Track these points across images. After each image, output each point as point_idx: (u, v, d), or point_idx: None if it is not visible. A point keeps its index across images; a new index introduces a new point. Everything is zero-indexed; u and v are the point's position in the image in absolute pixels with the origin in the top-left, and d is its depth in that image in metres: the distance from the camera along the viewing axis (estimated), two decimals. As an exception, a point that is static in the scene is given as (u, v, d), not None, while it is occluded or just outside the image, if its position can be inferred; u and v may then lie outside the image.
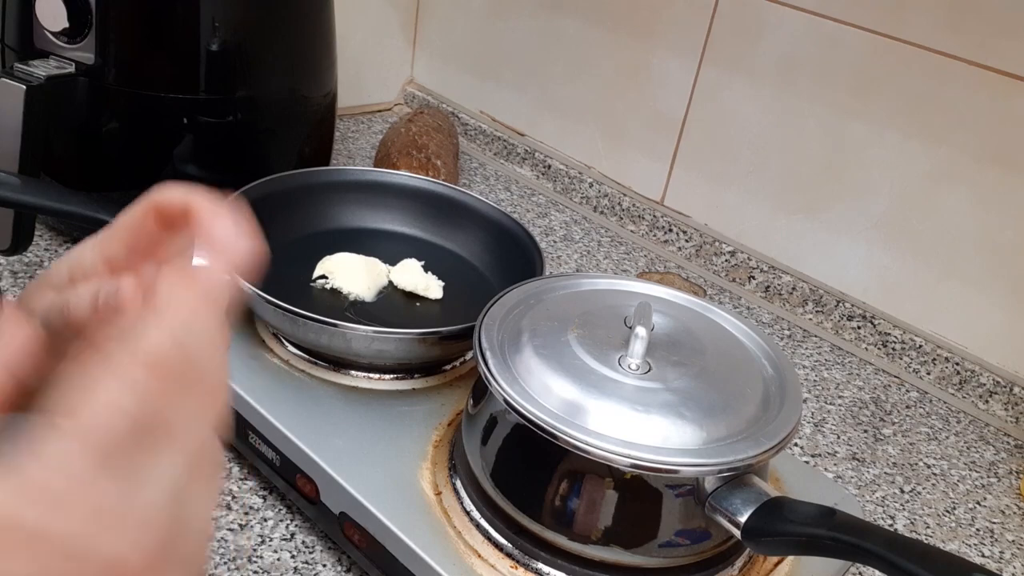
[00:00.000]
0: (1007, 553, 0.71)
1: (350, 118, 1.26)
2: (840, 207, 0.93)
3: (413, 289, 0.73)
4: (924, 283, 0.89)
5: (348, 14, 1.07)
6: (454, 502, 0.55)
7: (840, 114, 0.90)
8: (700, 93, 1.01)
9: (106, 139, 0.81)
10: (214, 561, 0.57)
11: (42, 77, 0.74)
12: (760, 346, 0.58)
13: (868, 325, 0.93)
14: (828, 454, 0.78)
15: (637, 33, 1.04)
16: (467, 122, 1.26)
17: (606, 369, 0.51)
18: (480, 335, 0.54)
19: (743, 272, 1.02)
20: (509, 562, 0.52)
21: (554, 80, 1.15)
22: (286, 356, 0.65)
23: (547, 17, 1.13)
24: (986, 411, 0.87)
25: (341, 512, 0.55)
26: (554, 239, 1.06)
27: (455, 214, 0.81)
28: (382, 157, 1.04)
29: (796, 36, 0.91)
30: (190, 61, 0.79)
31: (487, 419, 0.54)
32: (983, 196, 0.84)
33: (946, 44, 0.82)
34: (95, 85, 0.78)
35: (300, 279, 0.73)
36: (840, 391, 0.87)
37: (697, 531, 0.51)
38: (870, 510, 0.73)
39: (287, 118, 0.90)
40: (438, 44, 1.29)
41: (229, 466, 0.64)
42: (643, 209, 1.09)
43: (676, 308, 0.60)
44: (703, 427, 0.49)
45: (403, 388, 0.65)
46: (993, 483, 0.78)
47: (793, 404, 0.52)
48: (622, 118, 1.09)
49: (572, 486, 0.50)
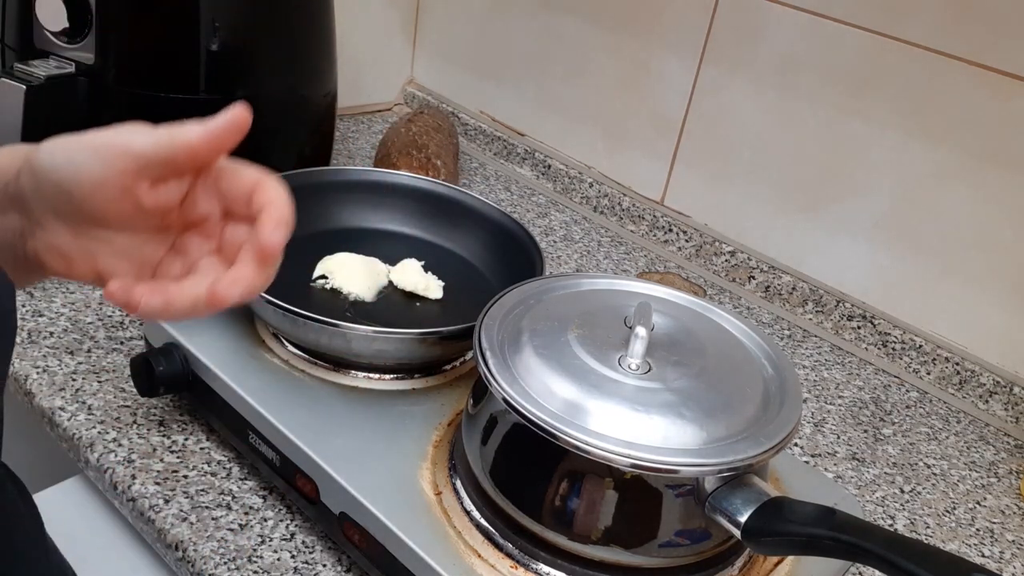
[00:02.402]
0: (1007, 553, 0.71)
1: (350, 118, 1.26)
2: (840, 207, 0.93)
3: (413, 289, 0.73)
4: (924, 283, 0.89)
5: (348, 14, 1.07)
6: (454, 502, 0.55)
7: (840, 114, 0.91)
8: (700, 93, 1.01)
9: (106, 139, 0.81)
10: (214, 561, 0.57)
11: (42, 77, 0.75)
12: (760, 346, 0.58)
13: (868, 325, 0.93)
14: (828, 454, 0.78)
15: (637, 33, 1.04)
16: (467, 122, 1.26)
17: (606, 369, 0.51)
18: (480, 335, 0.54)
19: (743, 272, 1.02)
20: (509, 562, 0.52)
21: (554, 80, 1.15)
22: (286, 356, 0.65)
23: (547, 17, 1.13)
24: (986, 411, 0.87)
25: (341, 512, 0.55)
26: (554, 239, 1.06)
27: (455, 214, 0.81)
28: (382, 157, 1.04)
29: (796, 36, 0.91)
30: (190, 61, 0.79)
31: (487, 419, 0.54)
32: (983, 196, 0.84)
33: (946, 44, 0.82)
34: (95, 85, 0.78)
35: (300, 279, 0.73)
36: (840, 391, 0.87)
37: (697, 531, 0.51)
38: (870, 510, 0.73)
39: (287, 118, 0.90)
40: (438, 44, 1.29)
41: (229, 466, 0.64)
42: (643, 209, 1.09)
43: (676, 308, 0.60)
44: (703, 427, 0.49)
45: (403, 388, 0.65)
46: (993, 483, 0.78)
47: (793, 404, 0.52)
48: (622, 118, 1.09)
49: (572, 486, 0.50)
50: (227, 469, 0.64)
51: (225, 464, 0.65)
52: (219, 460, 0.65)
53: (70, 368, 0.70)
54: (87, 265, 0.41)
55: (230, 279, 0.38)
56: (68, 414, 0.66)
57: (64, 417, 0.66)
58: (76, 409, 0.67)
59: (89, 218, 0.39)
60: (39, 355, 0.71)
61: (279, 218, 0.39)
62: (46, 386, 0.68)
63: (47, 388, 0.68)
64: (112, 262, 0.41)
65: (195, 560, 0.57)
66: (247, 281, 0.38)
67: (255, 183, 0.40)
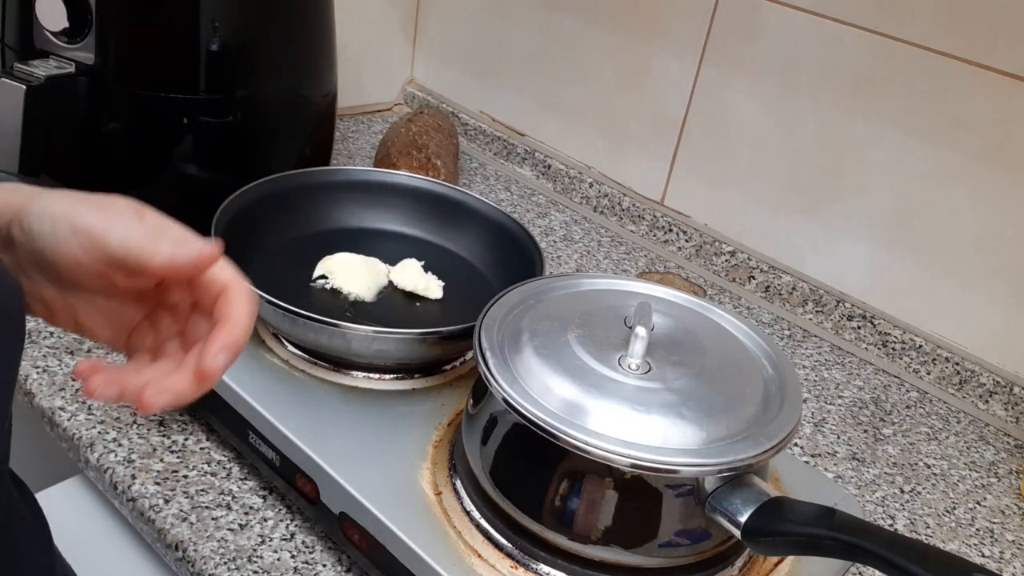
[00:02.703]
0: (1007, 553, 0.71)
1: (350, 118, 1.26)
2: (840, 207, 0.93)
3: (413, 289, 0.73)
4: (924, 283, 0.89)
5: (348, 14, 1.07)
6: (454, 502, 0.55)
7: (840, 114, 0.90)
8: (700, 93, 1.01)
9: (106, 139, 0.81)
10: (214, 561, 0.57)
11: (42, 77, 0.74)
12: (760, 346, 0.58)
13: (868, 325, 0.93)
14: (828, 454, 0.78)
15: (637, 33, 1.04)
16: (467, 122, 1.26)
17: (606, 369, 0.51)
18: (480, 335, 0.54)
19: (743, 272, 1.02)
20: (509, 562, 0.52)
21: (554, 80, 1.15)
22: (286, 356, 0.65)
23: (547, 17, 1.13)
24: (986, 411, 0.87)
25: (341, 512, 0.55)
26: (554, 239, 1.06)
27: (455, 214, 0.81)
28: (382, 157, 1.04)
29: (796, 36, 0.91)
30: (190, 61, 0.79)
31: (487, 419, 0.54)
32: (983, 196, 0.84)
33: (946, 44, 0.82)
34: (95, 85, 0.78)
35: (300, 279, 0.73)
36: (840, 391, 0.87)
37: (697, 531, 0.51)
38: (870, 510, 0.73)
39: (287, 118, 0.90)
40: (438, 44, 1.29)
41: (229, 466, 0.64)
42: (643, 209, 1.09)
43: (676, 308, 0.60)
44: (703, 427, 0.49)
45: (403, 388, 0.65)
46: (993, 483, 0.78)
47: (793, 404, 0.52)
48: (622, 118, 1.09)
49: (572, 486, 0.50)
50: (227, 469, 0.64)
51: (225, 464, 0.65)
52: (219, 460, 0.65)
53: (70, 368, 0.70)
54: (68, 317, 0.43)
55: (159, 388, 0.39)
56: (68, 414, 0.66)
57: (64, 417, 0.66)
58: (76, 409, 0.67)
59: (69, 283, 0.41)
60: (39, 355, 0.71)
61: (227, 342, 0.38)
62: (46, 386, 0.68)
63: (47, 388, 0.68)
64: (93, 319, 0.43)
65: (195, 560, 0.57)
66: (175, 393, 0.39)
67: (224, 288, 0.40)
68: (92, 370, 0.40)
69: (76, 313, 0.43)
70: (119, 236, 0.38)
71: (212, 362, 0.38)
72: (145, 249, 0.38)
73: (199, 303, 0.42)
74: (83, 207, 0.39)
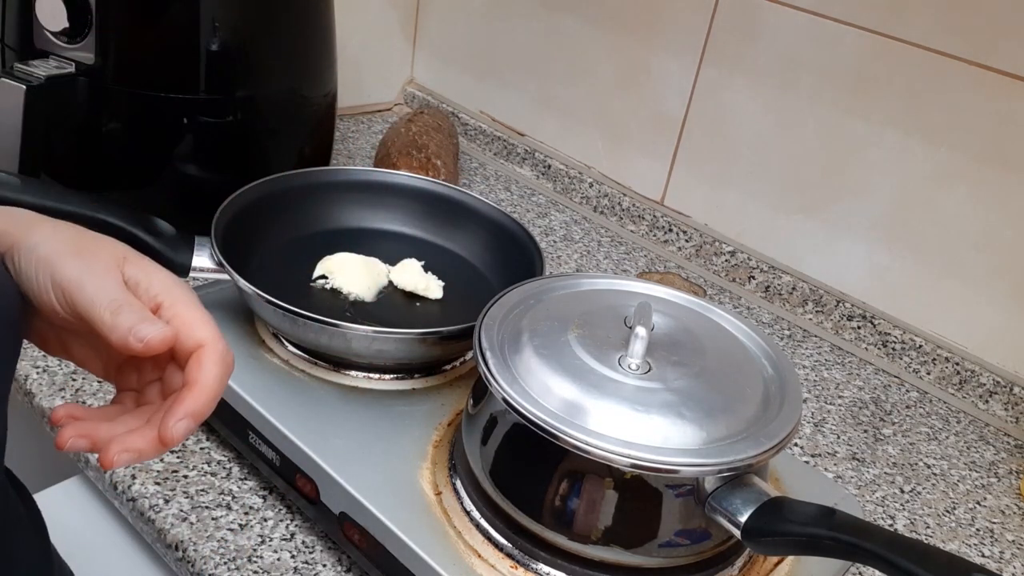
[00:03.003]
0: (1007, 553, 0.71)
1: (350, 118, 1.26)
2: (840, 207, 0.93)
3: (413, 289, 0.73)
4: (924, 283, 0.89)
5: (348, 14, 1.07)
6: (454, 502, 0.55)
7: (840, 114, 0.91)
8: (700, 93, 1.01)
9: (106, 139, 0.81)
10: (214, 561, 0.57)
11: (42, 77, 0.75)
12: (760, 346, 0.58)
13: (868, 325, 0.93)
14: (828, 454, 0.78)
15: (637, 33, 1.04)
16: (467, 122, 1.26)
17: (606, 369, 0.51)
18: (480, 335, 0.54)
19: (743, 272, 1.02)
20: (509, 562, 0.52)
21: (554, 80, 1.15)
22: (286, 356, 0.65)
23: (547, 17, 1.13)
24: (986, 411, 0.87)
25: (341, 512, 0.55)
26: (554, 239, 1.06)
27: (455, 214, 0.81)
28: (382, 157, 1.04)
29: (796, 36, 0.91)
30: (190, 61, 0.79)
31: (487, 419, 0.54)
32: (983, 196, 0.84)
33: (946, 44, 0.82)
34: (95, 85, 0.78)
35: (300, 279, 0.73)
36: (840, 391, 0.87)
37: (697, 531, 0.51)
38: (870, 510, 0.73)
39: (287, 118, 0.90)
40: (438, 44, 1.29)
41: (229, 466, 0.64)
42: (643, 209, 1.09)
43: (676, 308, 0.60)
44: (703, 427, 0.49)
45: (403, 388, 0.65)
46: (993, 483, 0.78)
47: (793, 404, 0.52)
48: (622, 118, 1.09)
49: (572, 486, 0.50)
50: (227, 469, 0.64)
51: (225, 464, 0.65)
52: (219, 460, 0.65)
53: (70, 368, 0.70)
54: (60, 347, 0.44)
55: (122, 446, 0.38)
56: (68, 414, 0.66)
57: (64, 417, 0.66)
58: (76, 409, 0.67)
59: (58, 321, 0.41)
60: (39, 355, 0.71)
61: (190, 411, 0.38)
62: (46, 386, 0.68)
63: (47, 388, 0.68)
64: (83, 352, 0.44)
65: (195, 560, 0.57)
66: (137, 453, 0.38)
67: (196, 347, 0.39)
68: (68, 418, 0.40)
69: (68, 346, 0.44)
70: (86, 299, 0.38)
71: (172, 431, 0.38)
72: (105, 321, 0.38)
73: (176, 355, 0.41)
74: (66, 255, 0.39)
